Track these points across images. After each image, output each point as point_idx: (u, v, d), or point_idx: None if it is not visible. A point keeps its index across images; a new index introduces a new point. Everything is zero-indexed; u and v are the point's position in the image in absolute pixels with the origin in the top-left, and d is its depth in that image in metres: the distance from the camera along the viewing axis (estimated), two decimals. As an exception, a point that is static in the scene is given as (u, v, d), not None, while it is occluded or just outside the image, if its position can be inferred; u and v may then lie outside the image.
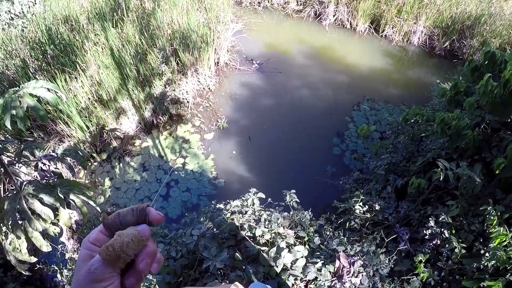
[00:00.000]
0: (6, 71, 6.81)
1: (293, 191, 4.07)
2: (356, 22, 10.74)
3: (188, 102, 7.79)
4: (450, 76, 6.94)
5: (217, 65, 8.95)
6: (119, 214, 0.78)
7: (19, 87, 3.32)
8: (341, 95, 8.62)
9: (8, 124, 3.18)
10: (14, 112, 3.15)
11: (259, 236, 3.42)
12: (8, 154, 3.67)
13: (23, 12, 8.08)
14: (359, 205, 4.83)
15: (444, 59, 10.10)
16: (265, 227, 3.49)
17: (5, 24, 7.88)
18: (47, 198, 3.13)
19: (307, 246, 3.64)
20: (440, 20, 10.08)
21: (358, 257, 3.54)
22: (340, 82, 9.08)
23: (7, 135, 6.11)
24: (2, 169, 3.47)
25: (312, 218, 4.21)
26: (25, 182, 3.37)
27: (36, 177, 3.92)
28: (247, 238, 3.44)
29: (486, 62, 4.56)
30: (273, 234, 3.51)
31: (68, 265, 4.39)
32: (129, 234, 0.72)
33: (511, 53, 4.50)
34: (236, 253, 3.28)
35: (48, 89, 3.36)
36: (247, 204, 3.88)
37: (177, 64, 7.71)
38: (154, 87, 7.32)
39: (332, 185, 6.33)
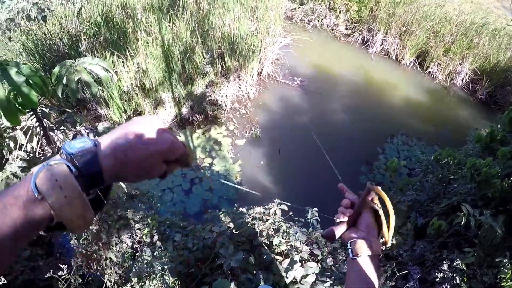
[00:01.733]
0: (60, 46, 7.14)
1: (316, 209, 4.14)
2: (402, 55, 10.75)
3: (226, 105, 7.97)
4: (488, 123, 6.89)
5: (260, 75, 9.11)
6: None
7: (75, 60, 3.52)
8: (376, 125, 8.63)
9: (59, 93, 3.38)
10: (66, 82, 3.34)
11: (275, 245, 3.51)
12: (50, 121, 3.88)
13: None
14: (376, 236, 4.84)
15: (484, 105, 9.98)
16: (282, 238, 3.58)
17: (65, 0, 8.25)
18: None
19: (319, 264, 3.70)
20: (486, 65, 9.99)
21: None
22: (378, 112, 9.09)
23: (48, 103, 6.40)
24: (43, 132, 3.68)
25: (328, 240, 4.25)
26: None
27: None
28: (264, 245, 3.53)
29: (526, 114, 4.55)
30: (289, 246, 3.60)
31: (84, 235, 4.54)
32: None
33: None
34: (251, 257, 3.37)
35: (102, 67, 3.56)
36: (269, 213, 3.97)
37: (221, 67, 7.92)
38: (196, 85, 7.52)
39: (353, 212, 6.32)
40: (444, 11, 10.90)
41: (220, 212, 4.19)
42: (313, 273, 3.39)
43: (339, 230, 1.32)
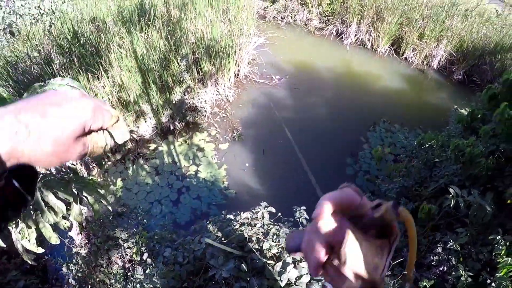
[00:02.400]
0: (31, 65, 6.99)
1: (303, 207, 4.09)
2: (377, 43, 10.81)
3: (205, 111, 7.89)
4: (467, 103, 6.95)
5: (237, 77, 9.06)
6: None
7: (44, 82, 3.42)
8: (358, 115, 8.64)
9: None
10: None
11: (266, 249, 3.44)
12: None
13: (51, 9, 8.29)
14: (368, 226, 4.82)
15: (462, 85, 10.07)
16: (273, 241, 3.52)
17: (33, 19, 8.09)
18: (61, 193, 3.20)
19: (313, 262, 3.64)
20: (460, 45, 10.09)
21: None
22: (358, 102, 9.11)
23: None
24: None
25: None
26: (41, 175, 3.46)
27: (52, 171, 4.01)
28: (254, 251, 3.47)
29: (504, 90, 4.56)
30: (280, 249, 3.54)
31: (74, 260, 4.46)
32: None
33: (530, 84, 4.50)
34: (242, 264, 3.31)
35: (73, 87, 3.47)
36: (256, 217, 3.91)
37: (197, 73, 7.83)
38: (174, 93, 7.43)
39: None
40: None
41: (208, 222, 4.11)
42: (307, 273, 3.33)
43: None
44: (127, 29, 7.36)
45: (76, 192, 3.33)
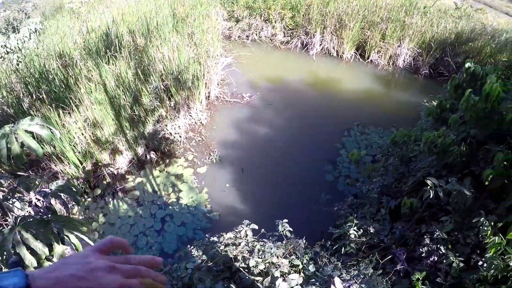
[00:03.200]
0: (4, 107, 6.88)
1: (286, 220, 4.07)
2: (342, 50, 11.01)
3: (180, 136, 7.85)
4: (435, 95, 7.06)
5: (208, 99, 9.07)
6: None
7: (14, 123, 3.36)
8: (331, 122, 8.72)
9: (4, 161, 3.21)
10: (9, 147, 3.18)
11: (253, 266, 3.40)
12: (1, 189, 3.68)
13: (18, 47, 8.21)
14: (354, 230, 4.82)
15: (429, 79, 10.31)
16: (259, 257, 3.48)
17: (0, 58, 7.99)
18: (41, 235, 3.12)
19: (302, 274, 3.61)
20: (422, 41, 10.34)
21: (354, 281, 3.51)
22: (330, 109, 9.19)
23: (1, 170, 6.12)
24: (-3, 204, 3.48)
25: (307, 246, 4.20)
26: (19, 218, 3.37)
27: (30, 212, 3.91)
28: (241, 269, 3.41)
29: (467, 78, 4.66)
30: (267, 264, 3.49)
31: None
32: None
33: (490, 67, 4.61)
34: (231, 285, 3.25)
35: (43, 126, 3.41)
36: (240, 236, 3.87)
37: (168, 99, 7.80)
38: (147, 123, 7.38)
39: (327, 212, 6.31)
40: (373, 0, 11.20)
41: (191, 247, 4.05)
42: (297, 284, 3.29)
43: None
44: (95, 61, 7.31)
45: (56, 232, 3.25)
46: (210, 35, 9.26)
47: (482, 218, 3.67)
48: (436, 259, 4.17)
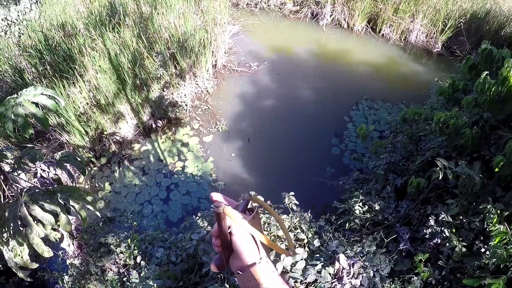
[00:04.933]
0: (4, 78, 6.80)
1: (292, 193, 4.07)
2: (353, 22, 10.76)
3: (186, 105, 7.79)
4: (448, 74, 6.97)
5: (215, 68, 8.94)
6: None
7: (18, 94, 3.30)
8: (339, 95, 8.62)
9: (10, 133, 3.17)
10: (15, 119, 3.13)
11: (258, 239, 3.40)
12: (7, 161, 3.67)
13: (19, 19, 8.06)
14: (359, 206, 4.83)
15: (441, 57, 10.12)
16: (264, 230, 3.49)
17: (1, 31, 7.86)
18: (47, 204, 3.12)
19: (306, 248, 3.63)
20: (436, 18, 10.08)
21: (358, 258, 3.54)
22: (338, 82, 9.08)
23: (7, 142, 6.12)
24: (2, 176, 3.47)
25: (312, 219, 4.20)
26: (25, 189, 3.37)
27: (36, 183, 3.91)
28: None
29: (483, 60, 4.56)
30: (272, 237, 3.51)
31: (69, 271, 4.38)
32: None
33: (508, 50, 4.50)
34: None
35: (48, 96, 3.36)
36: (246, 207, 3.86)
37: (174, 67, 7.71)
38: (152, 91, 7.31)
39: (332, 186, 6.33)
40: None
41: (197, 218, 4.06)
42: (301, 259, 3.32)
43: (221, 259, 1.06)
44: (99, 30, 7.18)
45: (62, 202, 3.25)
46: (218, 2, 9.03)
47: (489, 206, 3.65)
48: (439, 242, 4.18)
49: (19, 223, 3.13)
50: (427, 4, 10.08)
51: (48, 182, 3.92)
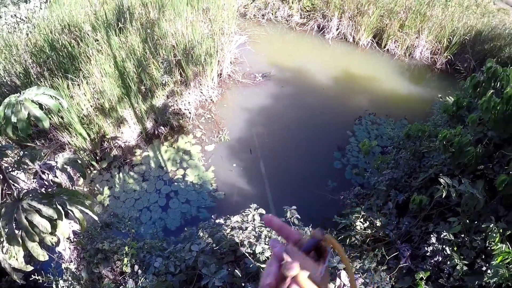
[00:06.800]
0: (8, 76, 6.80)
1: (294, 207, 4.03)
2: (358, 36, 10.80)
3: (190, 113, 7.79)
4: (452, 91, 6.94)
5: (220, 77, 8.96)
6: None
7: (20, 93, 3.29)
8: (343, 109, 8.62)
9: (9, 131, 3.15)
10: (15, 119, 3.11)
11: (259, 253, 3.37)
12: (7, 159, 3.64)
13: (28, 17, 8.09)
14: (360, 221, 4.79)
15: (445, 74, 10.13)
16: (265, 244, 3.45)
17: (10, 28, 7.88)
18: (45, 210, 3.08)
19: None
20: (442, 34, 10.12)
21: (359, 275, 3.49)
22: (342, 95, 9.08)
23: (7, 140, 6.09)
24: (0, 175, 3.44)
25: (313, 234, 4.15)
26: (23, 191, 3.34)
27: (35, 182, 3.88)
28: (247, 255, 3.39)
29: (488, 78, 4.55)
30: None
31: (64, 276, 4.33)
32: None
33: (512, 69, 4.49)
34: (236, 270, 3.23)
35: (50, 96, 3.34)
36: (247, 220, 3.83)
37: (180, 75, 7.71)
38: (157, 97, 7.31)
39: (333, 200, 6.29)
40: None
41: (198, 228, 4.02)
42: (302, 274, 3.26)
43: None
44: (105, 33, 7.19)
45: (60, 207, 3.22)
46: (226, 12, 9.07)
47: (492, 224, 3.62)
48: (440, 260, 4.14)
49: (15, 225, 3.09)
50: (432, 20, 10.11)
51: (47, 184, 3.89)
